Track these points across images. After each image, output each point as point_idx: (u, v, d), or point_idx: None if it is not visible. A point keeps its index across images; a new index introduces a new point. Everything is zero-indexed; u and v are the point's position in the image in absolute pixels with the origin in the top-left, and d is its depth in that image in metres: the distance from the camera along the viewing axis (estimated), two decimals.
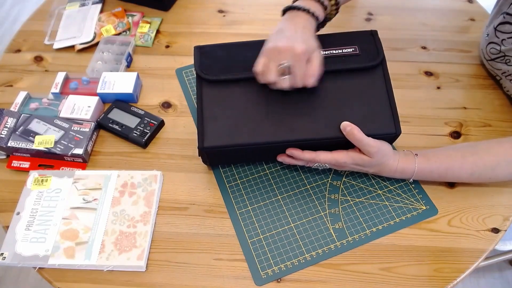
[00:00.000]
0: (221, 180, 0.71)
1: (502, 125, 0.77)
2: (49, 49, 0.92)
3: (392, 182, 0.70)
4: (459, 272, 0.62)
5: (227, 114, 0.64)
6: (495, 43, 0.76)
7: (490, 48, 0.78)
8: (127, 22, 0.95)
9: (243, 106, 0.65)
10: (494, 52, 0.77)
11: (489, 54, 0.79)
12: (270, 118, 0.64)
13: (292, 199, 0.69)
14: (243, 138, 0.63)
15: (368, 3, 1.00)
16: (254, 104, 0.65)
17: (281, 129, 0.64)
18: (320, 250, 0.64)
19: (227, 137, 0.63)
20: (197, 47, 0.70)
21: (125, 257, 0.62)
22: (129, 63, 0.89)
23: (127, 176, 0.70)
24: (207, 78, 0.66)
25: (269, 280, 0.61)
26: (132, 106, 0.80)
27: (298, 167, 0.72)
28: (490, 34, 0.77)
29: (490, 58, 0.79)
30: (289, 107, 0.65)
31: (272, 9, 0.99)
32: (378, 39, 0.68)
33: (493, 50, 0.77)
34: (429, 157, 0.66)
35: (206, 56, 0.69)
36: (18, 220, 0.66)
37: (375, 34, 0.69)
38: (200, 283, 0.61)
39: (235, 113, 0.64)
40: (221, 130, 0.64)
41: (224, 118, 0.64)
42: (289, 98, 0.65)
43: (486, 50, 0.80)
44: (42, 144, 0.73)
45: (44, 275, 0.63)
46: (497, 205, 0.68)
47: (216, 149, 0.64)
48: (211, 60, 0.68)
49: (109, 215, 0.66)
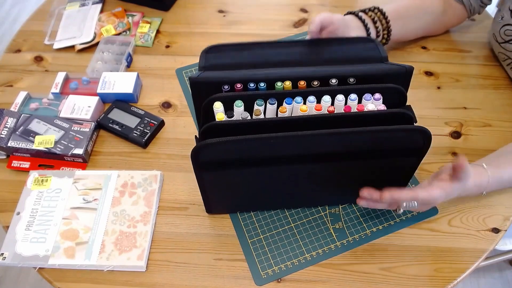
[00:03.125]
0: None
1: (502, 125, 0.77)
2: (49, 49, 0.92)
3: None
4: (459, 272, 0.62)
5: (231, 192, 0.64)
6: (510, 25, 0.77)
7: (505, 30, 0.79)
8: (127, 22, 0.95)
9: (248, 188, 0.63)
10: (509, 33, 0.78)
11: (503, 36, 0.80)
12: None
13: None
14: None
15: (368, 3, 0.99)
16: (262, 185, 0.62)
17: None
18: (320, 250, 0.64)
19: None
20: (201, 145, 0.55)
21: (125, 257, 0.62)
22: (129, 63, 0.89)
23: (127, 176, 0.70)
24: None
25: (269, 280, 0.61)
26: (132, 106, 0.80)
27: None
28: (506, 17, 0.78)
29: (504, 40, 0.80)
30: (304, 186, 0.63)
31: (272, 9, 0.99)
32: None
33: (508, 31, 0.78)
34: (497, 163, 0.63)
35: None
36: (18, 220, 0.66)
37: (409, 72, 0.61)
38: (200, 283, 0.61)
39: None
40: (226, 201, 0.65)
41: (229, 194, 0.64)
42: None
43: (499, 33, 0.80)
44: (42, 144, 0.73)
45: (44, 275, 0.63)
46: (497, 205, 0.68)
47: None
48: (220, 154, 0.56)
49: (109, 215, 0.66)
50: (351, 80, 0.60)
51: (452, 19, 0.87)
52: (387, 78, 0.60)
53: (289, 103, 0.57)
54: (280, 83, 0.60)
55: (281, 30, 0.94)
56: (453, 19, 0.87)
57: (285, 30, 0.94)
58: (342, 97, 0.58)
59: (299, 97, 0.57)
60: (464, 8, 0.83)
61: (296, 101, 0.57)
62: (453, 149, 0.74)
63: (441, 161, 0.73)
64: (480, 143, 0.75)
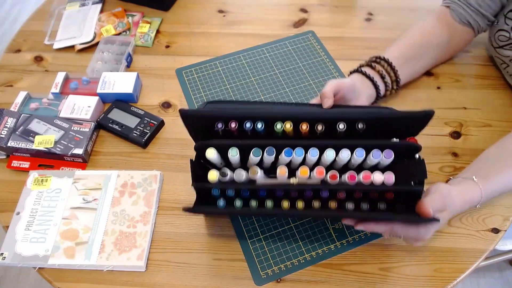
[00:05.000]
0: None
1: (502, 125, 0.77)
2: (49, 49, 0.92)
3: None
4: (459, 272, 0.62)
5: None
6: (504, 31, 0.76)
7: (499, 35, 0.77)
8: (127, 22, 0.95)
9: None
10: (503, 39, 0.77)
11: (497, 41, 0.78)
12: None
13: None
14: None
15: (368, 3, 1.00)
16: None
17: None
18: (320, 250, 0.64)
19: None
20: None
21: (125, 257, 0.62)
22: (129, 63, 0.89)
23: (127, 176, 0.70)
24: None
25: (269, 280, 0.61)
26: (132, 106, 0.80)
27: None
28: (500, 21, 0.76)
29: (498, 46, 0.79)
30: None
31: (272, 9, 0.99)
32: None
33: (502, 37, 0.77)
34: (487, 173, 0.61)
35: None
36: (18, 220, 0.66)
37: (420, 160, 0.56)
38: (200, 283, 0.61)
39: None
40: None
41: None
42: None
43: (494, 37, 0.79)
44: (42, 144, 0.73)
45: (44, 275, 0.63)
46: (497, 205, 0.68)
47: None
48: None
49: (109, 215, 0.66)
50: (359, 126, 0.55)
51: (460, 43, 0.82)
52: (400, 121, 0.57)
53: (288, 156, 0.54)
54: (280, 125, 0.56)
55: (281, 30, 0.94)
56: (460, 44, 0.82)
57: (285, 30, 0.94)
58: (347, 153, 0.54)
59: (299, 149, 0.54)
60: (472, 30, 0.79)
61: (296, 154, 0.54)
62: (453, 149, 0.74)
63: (441, 161, 0.73)
64: (480, 143, 0.75)
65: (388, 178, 0.54)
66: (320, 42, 0.91)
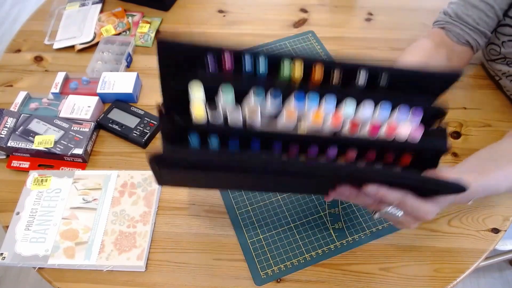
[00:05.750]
0: None
1: (502, 125, 0.77)
2: (49, 49, 0.92)
3: None
4: (459, 272, 0.62)
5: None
6: (495, 45, 0.76)
7: (490, 49, 0.78)
8: (127, 22, 0.95)
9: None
10: (494, 53, 0.77)
11: (489, 55, 0.79)
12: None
13: (292, 199, 0.69)
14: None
15: (368, 3, 1.00)
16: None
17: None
18: (320, 250, 0.64)
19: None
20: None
21: (125, 257, 0.62)
22: (129, 63, 0.89)
23: (127, 176, 0.70)
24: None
25: (269, 280, 0.61)
26: (132, 106, 0.80)
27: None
28: (491, 36, 0.76)
29: (490, 59, 0.79)
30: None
31: (272, 9, 0.99)
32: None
33: (493, 51, 0.77)
34: (482, 169, 0.58)
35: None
36: (18, 220, 0.66)
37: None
38: (200, 283, 0.61)
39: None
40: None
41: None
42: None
43: (486, 51, 0.80)
44: (42, 144, 0.73)
45: (44, 275, 0.63)
46: (497, 205, 0.68)
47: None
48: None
49: (109, 215, 0.66)
50: (383, 76, 0.45)
51: (459, 63, 0.77)
52: (426, 79, 0.49)
53: (300, 100, 0.42)
54: (288, 66, 0.43)
55: (281, 30, 0.94)
56: (459, 64, 0.77)
57: (285, 30, 0.94)
58: (371, 107, 0.44)
59: (314, 93, 0.42)
60: (470, 49, 0.75)
61: (310, 99, 0.42)
62: (453, 149, 0.74)
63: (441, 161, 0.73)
64: (480, 143, 0.75)
65: (416, 132, 0.45)
66: (320, 42, 0.91)
